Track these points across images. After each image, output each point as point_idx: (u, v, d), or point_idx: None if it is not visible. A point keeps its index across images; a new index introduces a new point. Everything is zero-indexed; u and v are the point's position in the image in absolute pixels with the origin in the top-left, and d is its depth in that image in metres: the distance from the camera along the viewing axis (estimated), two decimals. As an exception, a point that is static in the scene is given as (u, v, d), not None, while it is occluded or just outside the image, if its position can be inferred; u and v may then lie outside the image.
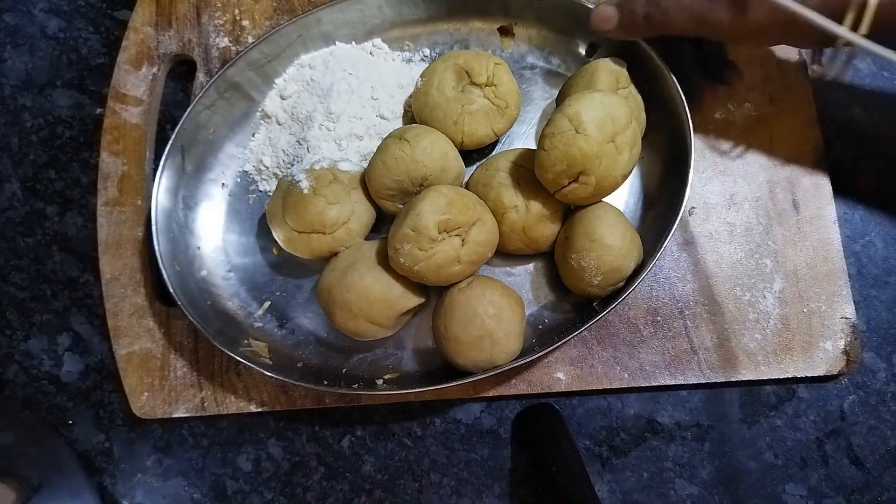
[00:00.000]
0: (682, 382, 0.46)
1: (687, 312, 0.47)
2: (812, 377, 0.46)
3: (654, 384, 0.46)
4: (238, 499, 0.47)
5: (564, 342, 0.42)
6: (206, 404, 0.47)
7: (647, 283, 0.48)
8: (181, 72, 0.54)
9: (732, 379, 0.46)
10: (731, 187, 0.49)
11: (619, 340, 0.47)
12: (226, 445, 0.48)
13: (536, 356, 0.42)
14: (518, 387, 0.46)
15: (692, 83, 0.49)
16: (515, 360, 0.42)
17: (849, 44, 0.37)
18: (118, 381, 0.48)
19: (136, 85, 0.52)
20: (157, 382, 0.47)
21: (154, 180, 0.46)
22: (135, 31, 0.53)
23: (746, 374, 0.46)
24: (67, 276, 0.51)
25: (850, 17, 0.36)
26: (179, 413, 0.47)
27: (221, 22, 0.53)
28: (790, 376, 0.46)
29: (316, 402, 0.47)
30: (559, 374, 0.47)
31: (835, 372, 0.46)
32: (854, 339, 0.46)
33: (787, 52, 0.51)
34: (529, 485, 0.47)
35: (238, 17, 0.53)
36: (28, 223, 0.52)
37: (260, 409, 0.47)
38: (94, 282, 0.51)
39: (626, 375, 0.46)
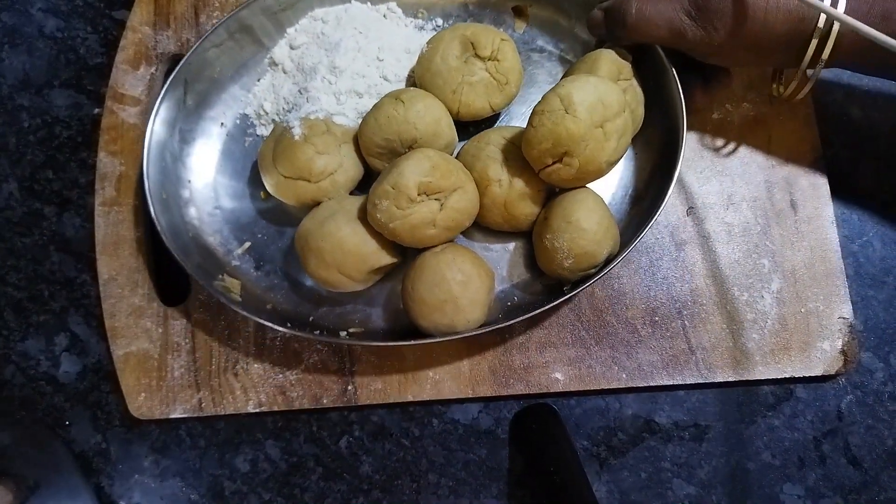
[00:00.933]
0: (680, 382, 0.46)
1: (685, 312, 0.47)
2: (810, 377, 0.46)
3: (651, 384, 0.46)
4: (236, 499, 0.47)
5: (529, 317, 0.43)
6: (203, 405, 0.47)
7: (644, 283, 0.48)
8: (179, 72, 0.54)
9: (730, 379, 0.46)
10: (728, 187, 0.49)
11: (617, 340, 0.47)
12: (223, 446, 0.48)
13: (496, 327, 0.43)
14: (516, 387, 0.46)
15: (691, 83, 0.49)
16: (476, 329, 0.43)
17: (812, 67, 0.40)
18: (115, 382, 0.48)
19: (134, 85, 0.52)
20: (155, 383, 0.47)
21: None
22: (133, 30, 0.53)
23: (744, 374, 0.46)
24: (65, 276, 0.51)
25: (813, 44, 0.39)
26: (177, 414, 0.47)
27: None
28: (788, 376, 0.46)
29: (314, 402, 0.47)
30: (557, 374, 0.47)
31: (832, 372, 0.46)
32: (851, 339, 0.46)
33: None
34: (527, 485, 0.47)
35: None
36: (25, 223, 0.52)
37: (257, 410, 0.47)
38: (91, 282, 0.51)
39: (624, 375, 0.46)
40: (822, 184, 0.49)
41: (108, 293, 0.49)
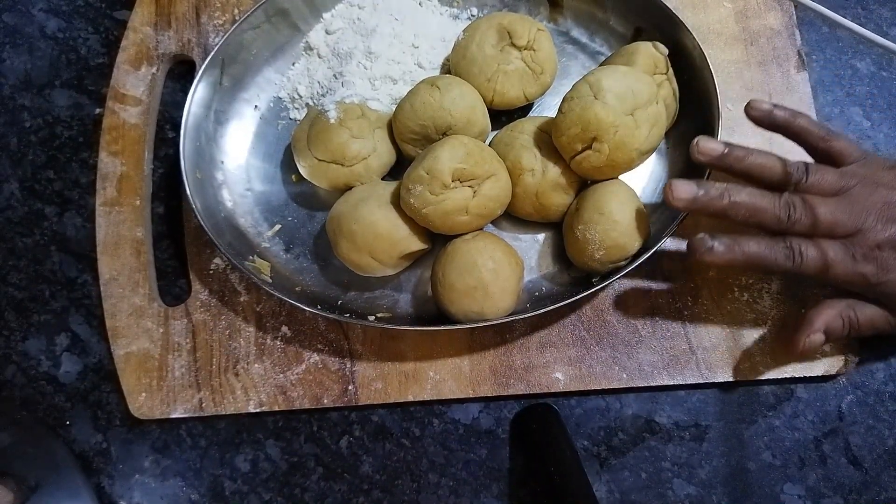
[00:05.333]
0: (681, 382, 0.46)
1: (685, 313, 0.47)
2: (810, 377, 0.46)
3: (652, 384, 0.46)
4: (236, 499, 0.47)
5: (555, 308, 0.43)
6: (204, 405, 0.47)
7: (645, 282, 0.48)
8: (180, 72, 0.54)
9: (730, 379, 0.46)
10: (729, 188, 0.49)
11: (618, 340, 0.47)
12: (224, 446, 0.48)
13: (525, 316, 0.43)
14: (516, 387, 0.46)
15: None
16: (505, 318, 0.43)
17: None
18: (116, 382, 0.48)
19: (135, 85, 0.52)
20: (155, 383, 0.47)
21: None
22: (134, 31, 0.53)
23: (744, 375, 0.46)
24: (66, 276, 0.51)
25: None
26: (177, 413, 0.47)
27: (220, 22, 0.53)
28: (788, 376, 0.46)
29: (314, 402, 0.47)
30: (557, 374, 0.47)
31: (833, 372, 0.46)
32: (852, 339, 0.46)
33: (786, 52, 0.51)
34: (528, 485, 0.47)
35: (237, 18, 0.53)
36: (26, 223, 0.52)
37: (258, 410, 0.47)
38: (92, 282, 0.51)
39: (625, 375, 0.46)
40: (822, 184, 0.49)
41: (109, 293, 0.49)
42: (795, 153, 0.44)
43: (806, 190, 0.41)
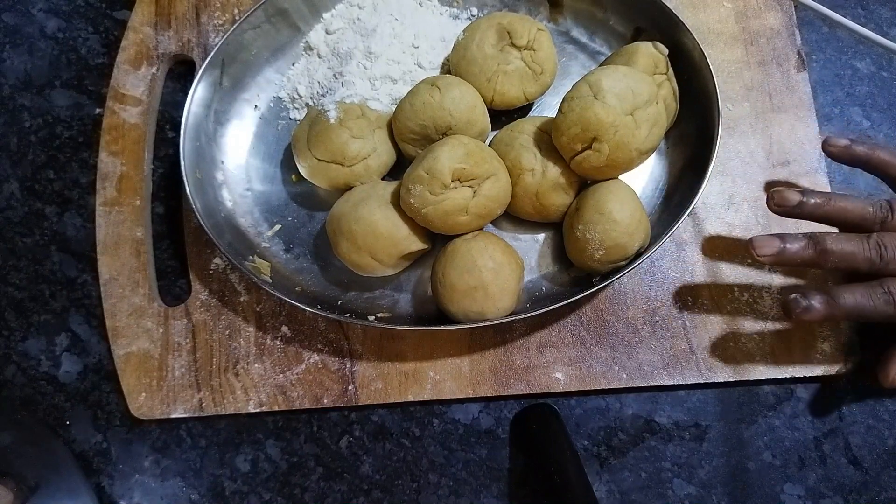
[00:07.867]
0: (681, 382, 0.46)
1: (685, 312, 0.47)
2: (810, 377, 0.46)
3: (652, 384, 0.46)
4: (236, 499, 0.47)
5: (555, 307, 0.43)
6: (204, 405, 0.47)
7: (645, 282, 0.48)
8: (180, 72, 0.54)
9: (730, 379, 0.46)
10: (729, 187, 0.49)
11: (618, 340, 0.47)
12: (224, 446, 0.48)
13: (525, 316, 0.43)
14: (516, 387, 0.46)
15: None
16: (505, 318, 0.43)
17: None
18: (116, 382, 0.48)
19: (135, 85, 0.52)
20: (155, 383, 0.47)
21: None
22: (134, 31, 0.53)
23: (745, 375, 0.46)
24: (66, 276, 0.51)
25: None
26: (177, 413, 0.47)
27: (220, 22, 0.53)
28: (788, 376, 0.46)
29: (314, 402, 0.47)
30: (557, 374, 0.47)
31: (833, 372, 0.46)
32: (852, 338, 0.46)
33: (786, 53, 0.51)
34: (528, 485, 0.47)
35: (237, 18, 0.53)
36: (27, 223, 0.52)
37: (258, 410, 0.47)
38: (92, 282, 0.51)
39: (625, 375, 0.46)
40: (823, 184, 0.49)
41: (109, 293, 0.49)
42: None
43: (893, 228, 0.40)
